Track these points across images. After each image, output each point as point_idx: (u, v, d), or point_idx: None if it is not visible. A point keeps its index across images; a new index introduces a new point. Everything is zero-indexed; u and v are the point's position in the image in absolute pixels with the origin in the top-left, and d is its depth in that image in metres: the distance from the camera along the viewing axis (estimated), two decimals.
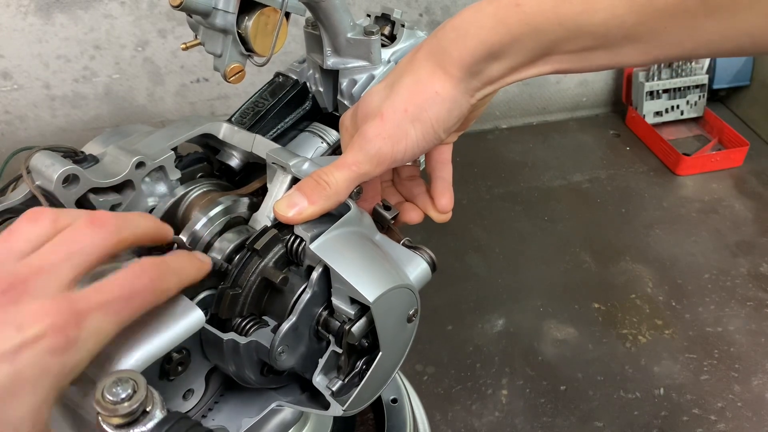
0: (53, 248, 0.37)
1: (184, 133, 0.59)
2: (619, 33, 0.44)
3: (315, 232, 0.50)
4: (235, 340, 0.48)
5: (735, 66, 2.43)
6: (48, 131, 2.07)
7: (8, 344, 0.32)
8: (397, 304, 0.50)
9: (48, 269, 0.36)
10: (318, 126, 0.70)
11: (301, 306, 0.49)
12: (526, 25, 0.46)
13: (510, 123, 2.49)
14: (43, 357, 0.33)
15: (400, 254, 0.54)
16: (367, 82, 0.68)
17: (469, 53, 0.49)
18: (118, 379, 0.32)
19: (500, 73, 0.50)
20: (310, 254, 0.50)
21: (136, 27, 1.97)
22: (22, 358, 0.32)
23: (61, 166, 0.50)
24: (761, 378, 1.56)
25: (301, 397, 0.57)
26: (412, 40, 0.71)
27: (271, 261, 0.51)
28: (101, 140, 0.58)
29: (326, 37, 0.66)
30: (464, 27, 0.49)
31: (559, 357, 1.60)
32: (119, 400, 0.32)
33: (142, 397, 0.32)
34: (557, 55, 0.48)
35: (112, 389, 0.32)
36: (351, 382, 0.51)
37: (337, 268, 0.47)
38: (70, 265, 0.37)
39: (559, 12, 0.44)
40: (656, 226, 2.01)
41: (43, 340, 0.33)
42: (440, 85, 0.51)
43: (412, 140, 0.52)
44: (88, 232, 0.38)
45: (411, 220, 0.62)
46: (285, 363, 0.50)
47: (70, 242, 0.38)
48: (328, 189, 0.51)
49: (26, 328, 0.33)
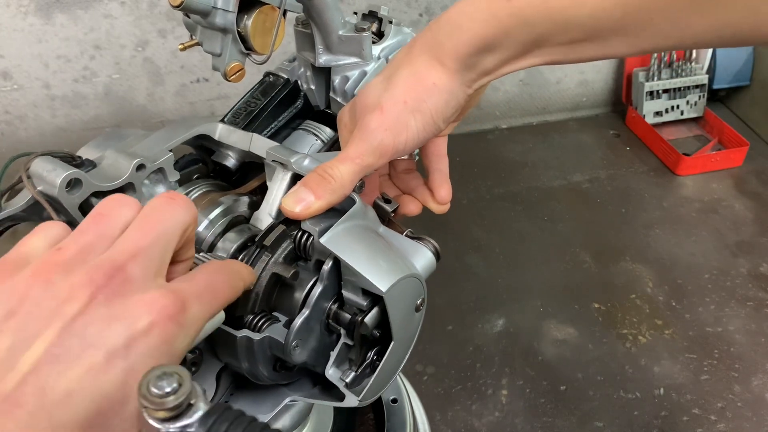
0: (141, 229, 0.37)
1: (180, 135, 0.59)
2: (607, 26, 0.46)
3: (323, 226, 0.51)
4: (249, 336, 0.48)
5: (735, 66, 2.44)
6: (48, 131, 2.07)
7: (120, 339, 0.32)
8: (406, 293, 0.51)
9: (142, 253, 0.35)
10: (311, 124, 0.71)
11: (314, 299, 0.49)
12: (517, 19, 0.47)
13: (510, 123, 2.49)
14: (155, 348, 0.33)
15: (404, 245, 0.55)
16: (360, 79, 0.69)
17: (463, 46, 0.50)
18: (163, 373, 0.32)
19: (494, 65, 0.52)
20: (319, 248, 0.50)
21: (136, 27, 1.97)
22: (135, 351, 0.32)
23: (63, 170, 0.50)
24: (761, 378, 1.56)
25: (313, 390, 0.57)
26: (400, 37, 0.72)
27: (281, 257, 0.51)
28: (95, 144, 0.58)
29: (318, 34, 0.66)
30: (458, 20, 0.50)
31: (559, 357, 1.60)
32: (165, 394, 0.31)
33: (187, 391, 0.32)
34: (548, 47, 0.49)
35: (157, 383, 0.32)
36: (363, 373, 0.52)
37: (348, 260, 0.48)
38: (161, 247, 0.36)
39: (549, 6, 0.46)
40: (656, 226, 2.01)
41: (154, 330, 0.33)
42: (437, 76, 0.52)
43: (413, 131, 0.53)
44: (170, 209, 0.38)
45: (410, 212, 0.63)
46: (299, 357, 0.51)
47: (156, 222, 0.37)
48: (334, 182, 0.51)
49: (136, 320, 0.32)
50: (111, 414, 0.31)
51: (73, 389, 0.30)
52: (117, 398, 0.31)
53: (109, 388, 0.31)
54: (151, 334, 0.32)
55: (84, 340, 0.31)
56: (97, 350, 0.31)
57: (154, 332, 0.33)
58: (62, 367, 0.30)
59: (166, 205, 0.38)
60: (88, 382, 0.30)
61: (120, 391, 0.31)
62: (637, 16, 0.44)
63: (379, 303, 0.50)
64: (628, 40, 0.47)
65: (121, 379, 0.31)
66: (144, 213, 0.38)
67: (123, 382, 0.31)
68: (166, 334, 0.33)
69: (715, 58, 2.41)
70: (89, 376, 0.30)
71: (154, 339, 0.33)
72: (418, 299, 0.53)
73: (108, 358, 0.31)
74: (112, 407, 0.31)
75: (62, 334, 0.31)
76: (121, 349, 0.32)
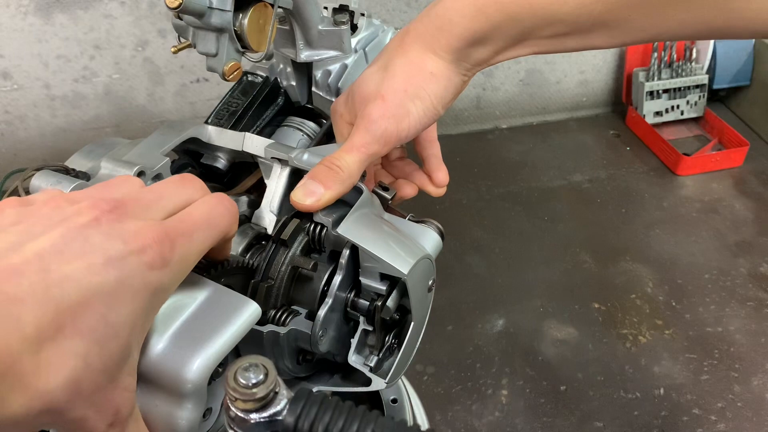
0: (147, 191, 0.40)
1: (171, 140, 0.59)
2: (588, 20, 0.48)
3: (335, 217, 0.52)
4: (274, 331, 0.49)
5: (735, 66, 2.43)
6: (48, 131, 2.07)
7: (117, 252, 0.34)
8: (422, 274, 0.52)
9: (143, 203, 0.39)
10: (294, 120, 0.71)
11: (335, 288, 0.51)
12: (503, 14, 0.50)
13: (510, 123, 2.49)
14: (144, 270, 0.35)
15: (410, 229, 0.56)
16: (341, 72, 0.70)
17: (455, 39, 0.52)
18: (249, 365, 0.33)
19: (487, 55, 0.54)
20: (333, 239, 0.52)
21: (136, 27, 1.97)
22: (127, 266, 0.34)
23: (69, 183, 0.50)
24: (761, 378, 1.56)
25: (334, 380, 0.59)
26: (372, 29, 0.73)
27: (297, 250, 0.52)
28: (83, 155, 0.58)
29: (298, 30, 0.67)
30: (448, 15, 0.52)
31: (559, 357, 1.60)
32: (252, 385, 0.32)
33: (273, 380, 0.33)
34: (534, 40, 0.52)
35: (244, 374, 0.33)
36: (384, 357, 0.54)
37: (368, 247, 0.49)
38: (160, 205, 0.39)
39: (533, 2, 0.49)
40: (656, 226, 2.01)
41: (144, 253, 0.35)
42: (433, 65, 0.54)
43: (414, 117, 0.55)
44: (178, 185, 0.42)
45: (407, 194, 0.65)
46: (324, 347, 0.52)
47: (161, 189, 0.41)
48: (342, 173, 0.53)
49: (131, 241, 0.35)
50: (95, 313, 0.32)
51: (71, 276, 0.32)
52: (106, 300, 0.33)
53: (102, 287, 0.33)
54: (141, 256, 0.35)
55: (86, 244, 0.34)
56: (97, 254, 0.33)
57: (145, 256, 0.35)
58: (65, 258, 0.33)
59: (175, 181, 0.42)
60: (85, 275, 0.32)
61: (110, 295, 0.33)
62: (616, 12, 0.47)
63: (397, 287, 0.51)
64: (609, 33, 0.49)
65: (113, 286, 0.33)
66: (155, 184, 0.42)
67: (114, 289, 0.33)
68: (155, 260, 0.35)
69: (715, 58, 2.41)
70: (87, 270, 0.33)
71: (143, 261, 0.35)
72: (430, 280, 0.54)
73: (105, 263, 0.33)
74: (99, 306, 0.33)
75: (67, 236, 0.34)
76: (117, 260, 0.34)
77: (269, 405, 0.33)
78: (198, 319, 0.40)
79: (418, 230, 0.56)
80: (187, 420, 0.39)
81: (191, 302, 0.41)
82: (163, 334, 0.39)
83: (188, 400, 0.39)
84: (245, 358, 0.33)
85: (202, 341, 0.39)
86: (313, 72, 0.71)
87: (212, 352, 0.39)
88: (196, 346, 0.39)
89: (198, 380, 0.38)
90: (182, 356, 0.38)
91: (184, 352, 0.38)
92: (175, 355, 0.38)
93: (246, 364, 0.33)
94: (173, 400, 0.39)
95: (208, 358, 0.38)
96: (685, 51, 2.37)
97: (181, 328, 0.39)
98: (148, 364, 0.38)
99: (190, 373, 0.38)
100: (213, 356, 0.39)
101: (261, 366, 0.33)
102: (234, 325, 0.40)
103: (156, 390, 0.39)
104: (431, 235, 0.56)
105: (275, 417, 0.33)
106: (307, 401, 0.34)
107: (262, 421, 0.33)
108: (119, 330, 0.34)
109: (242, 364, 0.33)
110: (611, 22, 0.48)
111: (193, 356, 0.38)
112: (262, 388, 0.32)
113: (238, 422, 0.33)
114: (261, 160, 0.58)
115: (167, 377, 0.38)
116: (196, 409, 0.39)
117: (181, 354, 0.38)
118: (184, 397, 0.38)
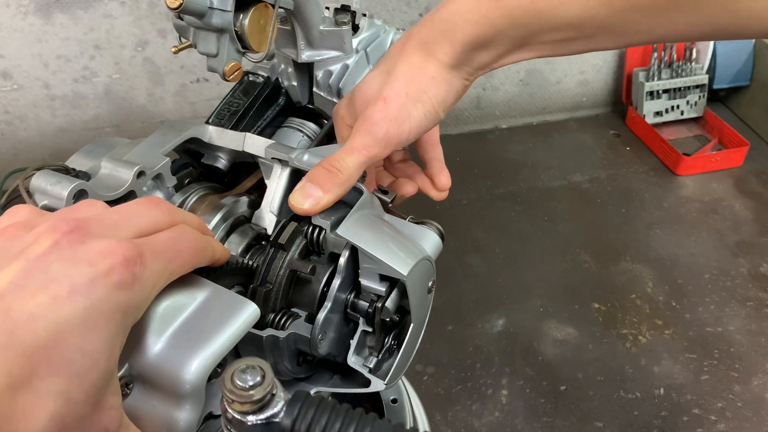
0: (113, 211, 0.40)
1: (171, 140, 0.59)
2: (593, 24, 0.47)
3: (333, 219, 0.52)
4: (274, 335, 0.49)
5: (735, 66, 2.43)
6: (48, 131, 2.07)
7: (83, 278, 0.33)
8: (422, 276, 0.52)
9: (108, 222, 0.38)
10: (295, 120, 0.71)
11: (334, 291, 0.51)
12: (506, 19, 0.49)
13: (510, 123, 2.49)
14: (113, 292, 0.34)
15: (410, 230, 0.56)
16: (343, 72, 0.70)
17: (458, 44, 0.52)
18: (246, 367, 0.33)
19: (489, 60, 0.54)
20: (332, 241, 0.52)
21: (136, 27, 1.97)
22: (96, 291, 0.33)
23: (69, 183, 0.50)
24: (761, 378, 1.56)
25: (333, 381, 0.59)
26: (374, 29, 0.73)
27: (295, 253, 0.52)
28: (83, 155, 0.58)
29: (300, 30, 0.67)
30: (452, 20, 0.52)
31: (559, 357, 1.60)
32: (249, 387, 0.32)
33: (271, 382, 0.33)
34: (538, 44, 0.52)
35: (240, 376, 0.33)
36: (383, 358, 0.54)
37: (368, 248, 0.49)
38: (127, 225, 0.39)
39: (537, 7, 0.48)
40: (656, 226, 2.01)
41: (112, 274, 0.34)
42: (435, 70, 0.54)
43: (416, 120, 0.55)
44: (145, 207, 0.41)
45: (407, 192, 0.65)
46: (323, 350, 0.52)
47: (128, 210, 0.40)
48: (341, 175, 0.52)
49: (97, 263, 0.34)
50: (70, 347, 0.32)
51: (37, 313, 0.31)
52: (78, 331, 0.32)
53: (71, 319, 0.32)
54: (109, 278, 0.34)
55: (48, 275, 0.32)
56: (61, 284, 0.32)
57: (112, 277, 0.34)
58: (27, 295, 0.31)
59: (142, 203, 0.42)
60: (51, 309, 0.31)
61: (81, 325, 0.32)
62: (621, 15, 0.46)
63: (395, 288, 0.51)
64: (614, 36, 0.49)
65: (82, 314, 0.32)
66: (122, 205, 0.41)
67: (84, 318, 0.32)
68: (123, 280, 0.34)
69: (715, 58, 2.41)
70: (53, 304, 0.31)
71: (111, 283, 0.34)
72: (430, 281, 0.54)
73: (71, 291, 0.32)
74: (72, 339, 0.32)
75: (27, 269, 0.32)
76: (84, 286, 0.33)
77: (266, 407, 0.33)
78: (197, 319, 0.40)
79: (418, 231, 0.56)
80: (185, 421, 0.39)
81: (190, 303, 0.41)
82: (161, 334, 0.39)
83: (186, 401, 0.38)
84: (242, 360, 0.33)
85: (201, 342, 0.39)
86: (314, 72, 0.71)
87: (211, 353, 0.39)
88: (195, 347, 0.39)
89: (196, 381, 0.38)
90: (181, 357, 0.38)
91: (182, 353, 0.38)
92: (173, 355, 0.38)
93: (243, 366, 0.33)
94: (171, 400, 0.39)
95: (207, 358, 0.38)
96: (685, 51, 2.37)
97: (179, 328, 0.39)
98: (147, 364, 0.38)
99: (188, 373, 0.38)
100: (211, 357, 0.39)
101: (258, 368, 0.33)
102: (233, 325, 0.40)
103: (154, 390, 0.39)
104: (431, 236, 0.56)
105: (272, 419, 0.33)
106: (304, 403, 0.34)
107: (259, 423, 0.33)
108: (97, 357, 0.33)
109: (239, 366, 0.33)
110: (617, 26, 0.47)
111: (192, 357, 0.38)
112: (259, 390, 0.32)
113: (235, 424, 0.33)
114: (261, 161, 0.58)
115: (165, 378, 0.38)
116: (195, 410, 0.39)
117: (180, 355, 0.38)
118: (183, 397, 0.38)
